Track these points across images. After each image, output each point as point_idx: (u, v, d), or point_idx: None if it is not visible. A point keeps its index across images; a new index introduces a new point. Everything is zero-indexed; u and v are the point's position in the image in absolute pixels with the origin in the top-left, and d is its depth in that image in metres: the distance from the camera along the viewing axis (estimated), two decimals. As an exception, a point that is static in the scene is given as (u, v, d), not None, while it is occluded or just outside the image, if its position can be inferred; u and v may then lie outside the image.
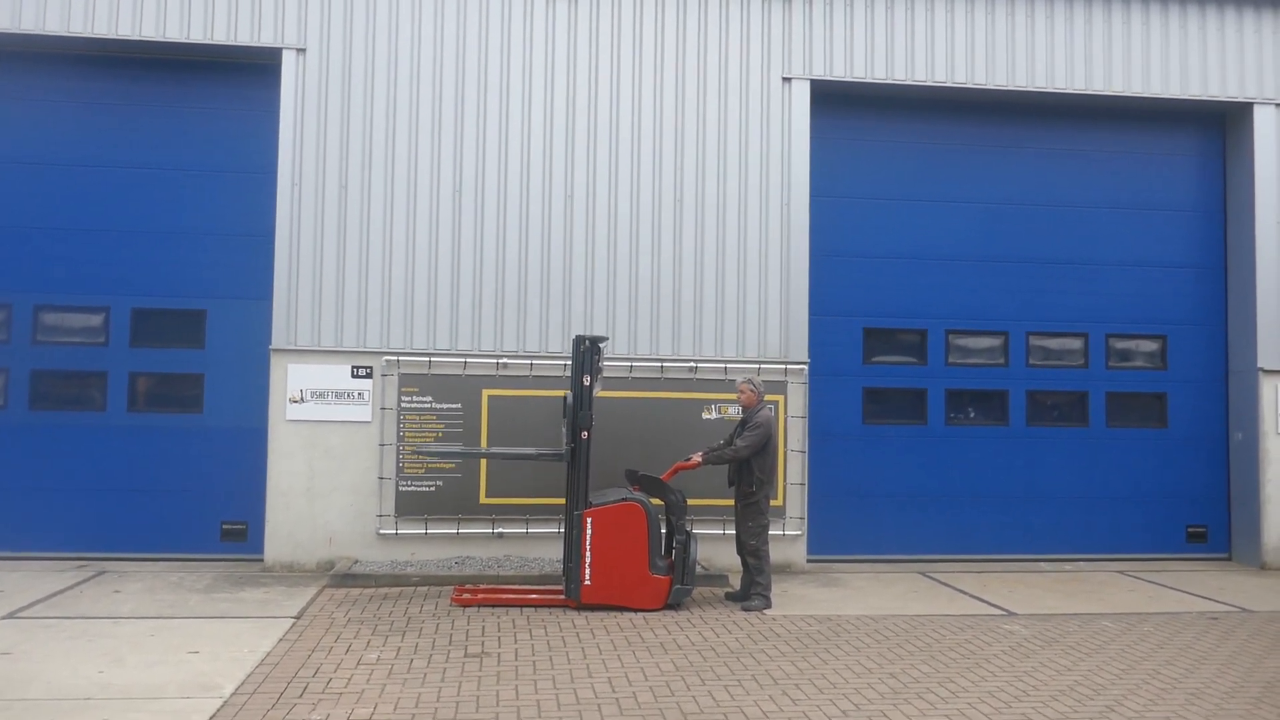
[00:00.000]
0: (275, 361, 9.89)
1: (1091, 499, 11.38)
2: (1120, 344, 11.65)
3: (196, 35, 9.97)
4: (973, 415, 11.39)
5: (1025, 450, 11.37)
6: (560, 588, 8.65)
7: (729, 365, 10.31)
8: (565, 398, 8.70)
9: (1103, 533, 11.37)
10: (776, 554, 9.67)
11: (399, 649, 7.08)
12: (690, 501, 8.89)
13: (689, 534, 8.49)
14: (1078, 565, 11.02)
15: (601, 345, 8.68)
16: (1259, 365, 11.14)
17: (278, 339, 9.90)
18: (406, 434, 9.91)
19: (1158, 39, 11.23)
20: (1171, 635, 7.96)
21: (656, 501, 8.66)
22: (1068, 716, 5.94)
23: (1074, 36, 11.10)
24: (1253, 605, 9.18)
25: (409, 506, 9.90)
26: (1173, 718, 5.95)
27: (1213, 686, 6.59)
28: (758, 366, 10.30)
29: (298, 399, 9.86)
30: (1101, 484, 11.42)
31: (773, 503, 8.98)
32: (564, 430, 8.66)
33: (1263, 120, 11.33)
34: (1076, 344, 11.58)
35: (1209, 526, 11.60)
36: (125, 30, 9.89)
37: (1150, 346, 11.69)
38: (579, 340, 8.54)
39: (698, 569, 8.98)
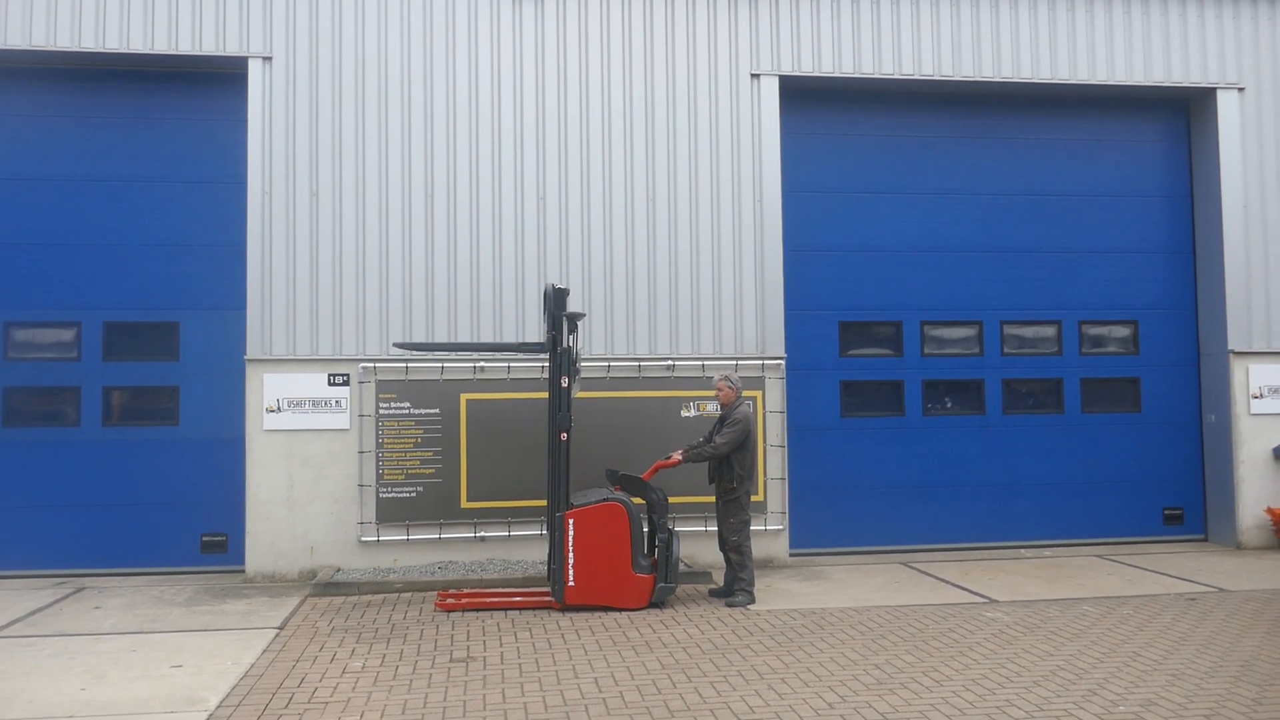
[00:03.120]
0: (251, 371, 9.83)
1: (1069, 484, 11.49)
2: (1093, 330, 11.75)
3: (161, 46, 9.90)
4: (950, 405, 11.46)
5: (1003, 438, 11.46)
6: (544, 589, 8.66)
7: (706, 362, 10.33)
8: (547, 289, 8.66)
9: (1081, 517, 11.47)
10: (759, 549, 9.70)
11: (384, 656, 7.06)
12: (671, 499, 8.91)
13: (671, 532, 8.50)
14: (1057, 551, 11.12)
15: (578, 320, 8.73)
16: (1229, 347, 11.27)
17: (253, 349, 9.84)
18: (385, 440, 9.88)
19: (1121, 27, 11.33)
20: (1151, 617, 8.05)
21: (638, 501, 8.67)
22: (1051, 701, 5.99)
23: (1039, 26, 11.19)
24: (1229, 585, 9.28)
25: (390, 513, 9.86)
26: (1154, 699, 6.02)
27: (1193, 667, 6.67)
28: (735, 363, 10.33)
29: (275, 408, 9.81)
30: (1078, 469, 11.53)
31: (753, 498, 9.00)
32: (541, 323, 8.67)
33: (1226, 105, 11.46)
34: (1050, 331, 11.67)
35: (1185, 508, 11.73)
36: (88, 42, 9.80)
37: (1123, 332, 11.81)
38: (554, 293, 8.52)
39: (681, 566, 9.00)
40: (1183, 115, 11.96)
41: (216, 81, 10.29)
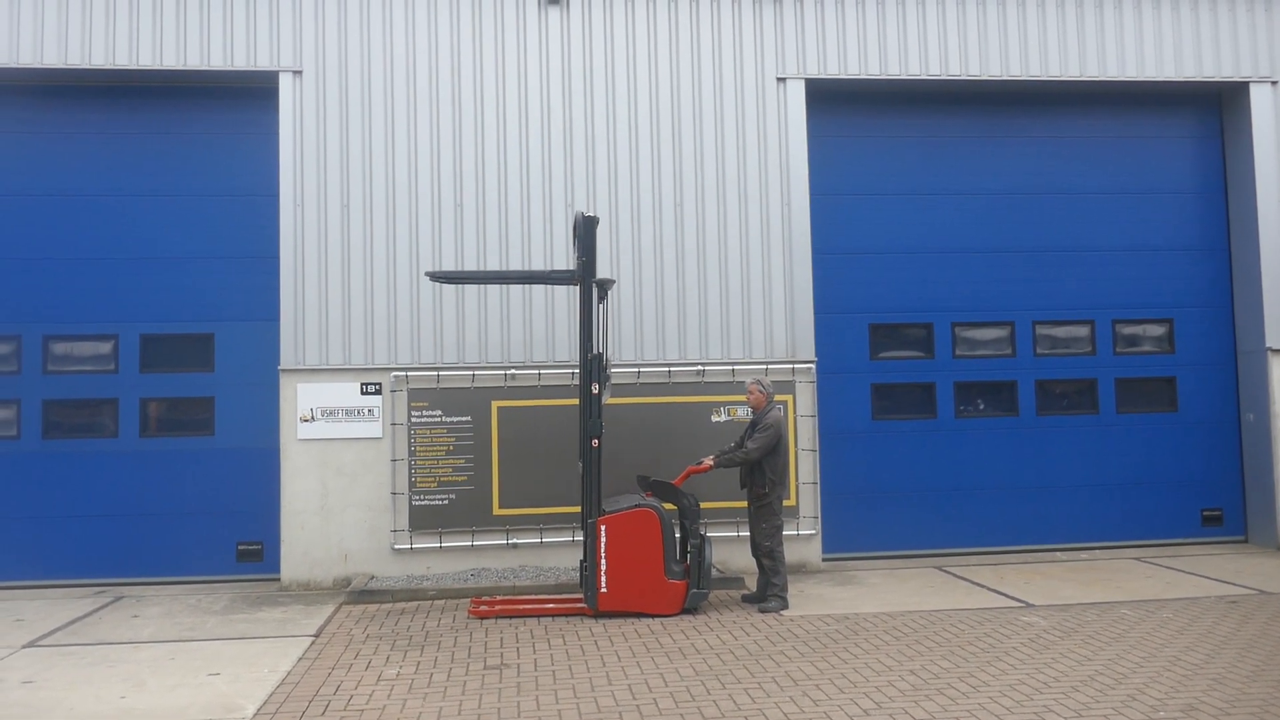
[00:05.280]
0: (285, 381, 9.93)
1: (1105, 486, 11.36)
2: (1127, 329, 11.62)
3: (193, 62, 10.03)
4: (982, 407, 11.37)
5: (1036, 440, 11.35)
6: (577, 596, 8.67)
7: (736, 367, 10.31)
8: (577, 217, 8.74)
9: (1117, 519, 11.34)
10: (791, 554, 9.67)
11: (418, 663, 7.10)
12: (703, 504, 8.88)
13: (703, 538, 8.49)
14: (1093, 553, 11.00)
15: (608, 288, 8.82)
16: (1267, 345, 11.10)
17: (286, 359, 9.94)
18: (418, 448, 9.94)
19: (1150, 22, 11.22)
20: (1191, 621, 7.94)
21: (669, 506, 8.67)
22: (1089, 707, 5.93)
23: (1066, 23, 11.10)
24: (1271, 587, 9.14)
25: (423, 521, 9.92)
26: (1195, 704, 5.94)
27: (1235, 671, 6.58)
28: (765, 367, 10.31)
29: (308, 418, 9.89)
30: (1114, 470, 11.39)
31: (785, 503, 8.97)
32: (573, 250, 8.84)
33: (1259, 99, 11.30)
34: (1083, 331, 11.56)
35: (1224, 509, 11.56)
36: (122, 60, 9.95)
37: (1157, 330, 11.67)
38: (584, 221, 8.63)
39: (713, 572, 8.98)
40: (1215, 110, 11.81)
41: (247, 96, 10.41)
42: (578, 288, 8.80)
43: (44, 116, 10.37)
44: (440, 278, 9.19)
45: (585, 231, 8.64)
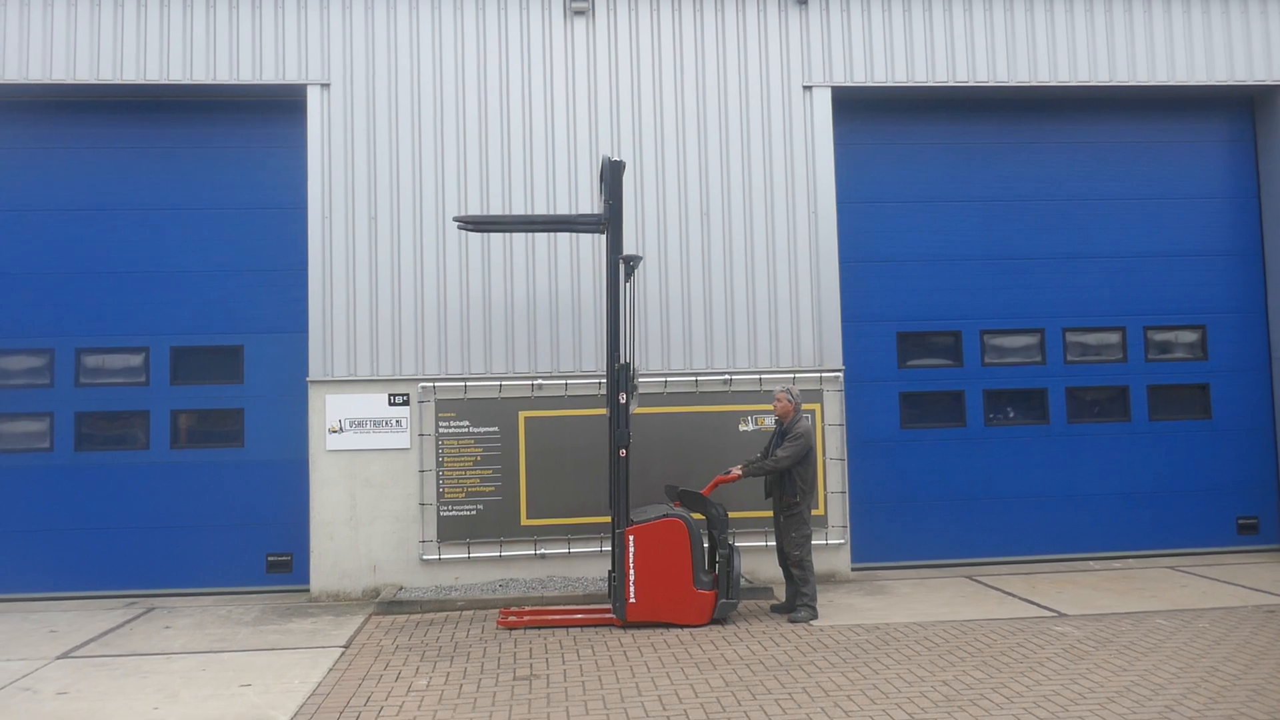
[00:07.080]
0: (313, 393, 9.98)
1: (1138, 494, 11.23)
2: (1159, 336, 11.49)
3: (222, 76, 10.13)
4: (1012, 415, 11.27)
5: (1067, 448, 11.23)
6: (605, 606, 8.66)
7: (763, 376, 10.28)
8: (604, 161, 8.76)
9: (1151, 528, 11.20)
10: (820, 563, 9.61)
11: (448, 674, 7.10)
12: (731, 514, 8.86)
13: (732, 547, 8.45)
14: (1127, 562, 10.87)
15: (635, 265, 8.81)
16: (1303, 351, 10.98)
17: (315, 370, 10.00)
18: (445, 459, 9.96)
19: (1180, 26, 11.11)
20: (1228, 630, 7.82)
21: (698, 516, 8.64)
22: (1126, 718, 5.85)
23: (1095, 28, 11.02)
24: (1310, 596, 9.02)
25: (451, 531, 9.94)
26: (1235, 716, 5.85)
27: (1275, 681, 6.47)
28: (792, 376, 10.26)
29: (337, 429, 9.94)
30: (1147, 479, 11.26)
31: (814, 512, 8.92)
32: (601, 197, 8.89)
33: (1293, 103, 11.20)
34: (1114, 338, 11.44)
35: (1260, 517, 11.39)
36: (153, 75, 10.07)
37: (1190, 337, 11.54)
38: (610, 165, 8.67)
39: (742, 582, 8.95)
40: (1247, 114, 11.68)
41: (275, 109, 10.49)
42: (606, 257, 8.79)
43: (75, 132, 10.50)
44: (468, 223, 9.24)
45: (611, 176, 8.60)
